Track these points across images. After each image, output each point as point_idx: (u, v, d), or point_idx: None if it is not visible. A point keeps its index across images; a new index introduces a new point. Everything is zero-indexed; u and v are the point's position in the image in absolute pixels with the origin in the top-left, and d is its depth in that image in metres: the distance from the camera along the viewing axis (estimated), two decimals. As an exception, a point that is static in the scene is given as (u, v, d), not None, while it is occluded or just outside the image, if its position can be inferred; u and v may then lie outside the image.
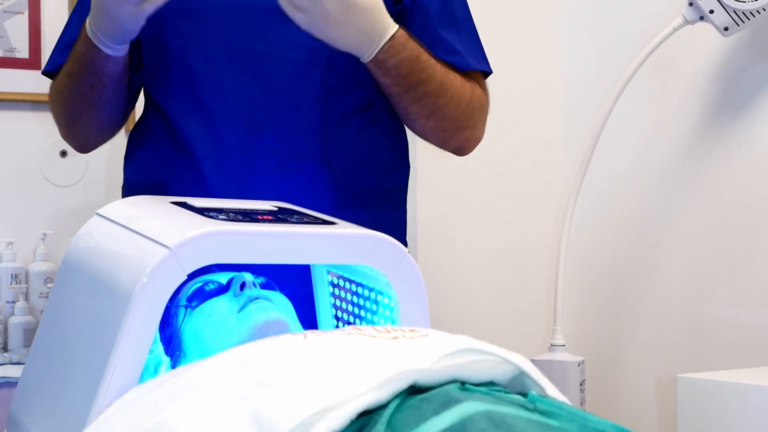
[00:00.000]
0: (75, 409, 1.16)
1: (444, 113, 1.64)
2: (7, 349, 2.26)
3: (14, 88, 2.33)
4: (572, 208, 2.52)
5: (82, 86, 1.65)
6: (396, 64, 1.55)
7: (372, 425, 0.92)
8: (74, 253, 1.30)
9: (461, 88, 1.64)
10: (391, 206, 1.73)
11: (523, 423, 0.90)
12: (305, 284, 1.49)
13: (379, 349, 1.05)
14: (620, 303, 2.71)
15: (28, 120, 2.37)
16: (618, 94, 2.43)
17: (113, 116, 1.74)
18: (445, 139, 1.71)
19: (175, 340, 1.33)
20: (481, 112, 1.70)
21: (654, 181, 2.61)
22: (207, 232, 1.17)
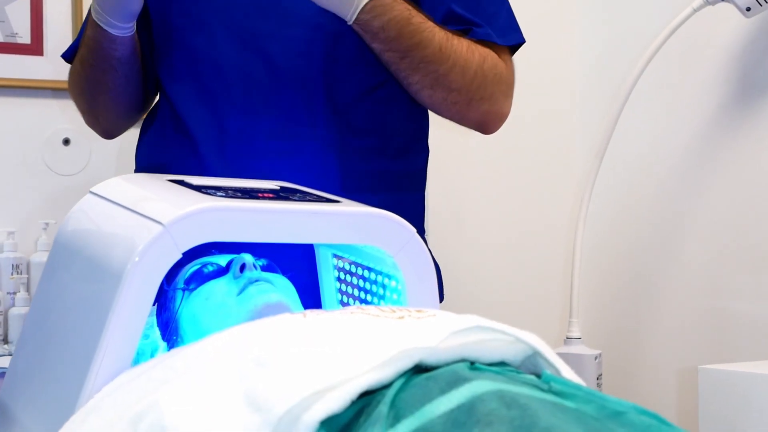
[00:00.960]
0: (64, 394, 1.11)
1: (448, 82, 1.56)
2: (7, 341, 2.21)
3: (15, 74, 2.28)
4: (588, 197, 2.46)
5: (95, 72, 1.64)
6: (382, 26, 1.48)
7: (374, 405, 0.86)
8: (65, 233, 1.25)
9: (467, 54, 1.56)
10: (407, 191, 1.66)
11: (537, 403, 0.84)
12: (309, 268, 1.43)
13: (382, 328, 0.99)
14: (638, 294, 2.65)
15: (29, 107, 2.32)
16: (636, 78, 2.38)
17: (131, 101, 1.72)
18: (460, 113, 1.62)
19: (172, 324, 1.27)
20: (496, 83, 1.60)
21: (673, 169, 2.54)
22: (203, 208, 1.11)
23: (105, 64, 1.61)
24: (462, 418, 0.82)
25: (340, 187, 1.55)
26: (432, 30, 1.52)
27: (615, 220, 2.75)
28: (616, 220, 2.75)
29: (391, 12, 1.48)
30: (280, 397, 0.87)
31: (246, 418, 0.88)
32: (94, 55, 1.60)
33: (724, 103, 2.42)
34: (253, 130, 1.57)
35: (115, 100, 1.69)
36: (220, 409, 0.91)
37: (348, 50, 1.57)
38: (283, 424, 0.86)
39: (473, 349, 0.94)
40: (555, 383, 0.90)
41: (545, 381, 0.91)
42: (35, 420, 1.16)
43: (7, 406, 1.24)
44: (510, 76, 1.65)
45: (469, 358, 0.94)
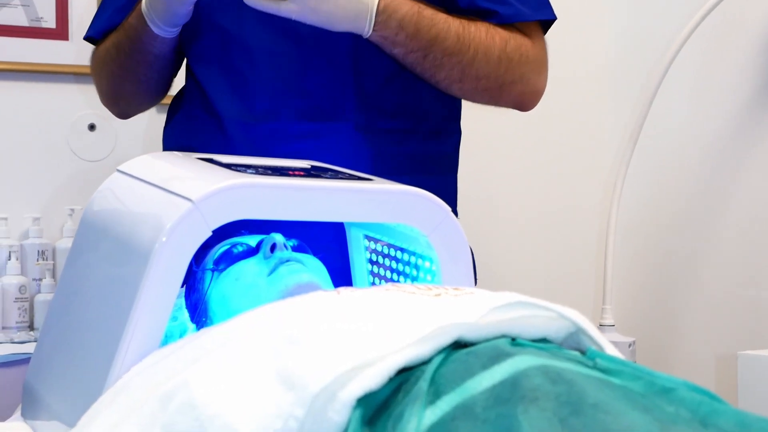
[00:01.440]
0: (92, 375, 1.08)
1: (474, 70, 1.52)
2: (33, 327, 2.19)
3: (41, 59, 2.26)
4: (622, 180, 2.42)
5: (129, 61, 1.62)
6: (399, 24, 1.45)
7: (413, 382, 0.83)
8: (91, 213, 1.22)
9: (487, 40, 1.52)
10: (439, 174, 1.63)
11: (583, 379, 0.80)
12: (340, 250, 1.40)
13: (419, 305, 0.96)
14: (673, 280, 2.61)
15: (55, 92, 2.30)
16: (671, 58, 2.33)
17: (157, 91, 1.72)
18: (494, 98, 1.59)
19: (201, 305, 1.25)
20: (524, 63, 1.57)
21: (710, 150, 2.50)
22: (233, 184, 1.08)
23: (141, 57, 1.59)
24: (505, 393, 0.79)
25: (370, 170, 1.52)
26: (446, 20, 1.50)
27: (649, 204, 2.71)
28: (651, 203, 2.71)
29: (402, 8, 1.45)
30: (314, 375, 0.85)
31: (279, 396, 0.85)
32: (132, 45, 1.58)
33: (761, 84, 2.38)
34: (282, 112, 1.55)
35: (142, 90, 1.69)
36: (252, 388, 0.88)
37: None
38: (319, 402, 0.83)
39: (514, 325, 0.91)
40: (601, 359, 0.87)
41: (590, 357, 0.88)
42: (63, 402, 1.14)
43: (34, 389, 1.21)
44: (539, 53, 1.61)
45: (509, 334, 0.91)
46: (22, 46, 2.25)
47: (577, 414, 0.75)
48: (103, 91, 1.74)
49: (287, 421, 0.84)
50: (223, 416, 0.87)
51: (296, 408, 0.84)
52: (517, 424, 0.75)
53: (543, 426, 0.74)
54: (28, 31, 2.25)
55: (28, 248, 2.22)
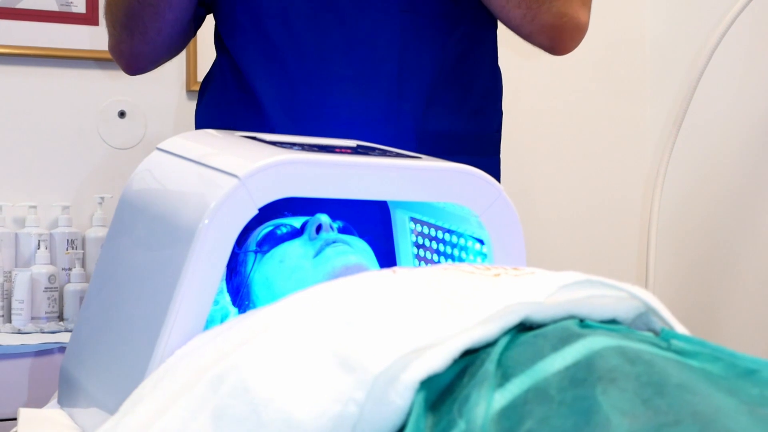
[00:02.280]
0: (133, 360, 1.04)
1: None
2: (63, 318, 2.16)
3: (70, 45, 2.22)
4: (664, 173, 2.37)
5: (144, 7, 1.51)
6: None
7: (478, 364, 0.79)
8: (131, 192, 1.18)
9: None
10: (482, 155, 1.59)
11: (662, 360, 0.76)
12: (385, 233, 1.36)
13: (481, 284, 0.91)
14: (716, 277, 2.55)
15: (85, 78, 2.27)
16: (714, 46, 2.28)
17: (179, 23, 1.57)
18: (531, 11, 1.49)
19: (243, 289, 1.21)
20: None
21: (753, 143, 2.44)
22: (281, 160, 1.04)
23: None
24: (581, 374, 0.74)
25: (413, 150, 1.48)
26: None
27: (693, 194, 2.66)
28: (695, 193, 2.65)
29: None
30: (375, 356, 0.80)
31: (337, 378, 0.81)
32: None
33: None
34: (325, 90, 1.51)
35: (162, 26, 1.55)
36: (307, 370, 0.83)
37: (425, 4, 1.50)
38: (380, 385, 0.78)
39: (582, 305, 0.87)
40: (677, 340, 0.82)
41: (664, 338, 0.83)
42: (102, 387, 1.10)
43: (71, 375, 1.17)
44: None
45: (578, 315, 0.86)
46: (51, 31, 2.22)
47: (661, 395, 0.70)
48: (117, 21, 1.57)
49: (346, 404, 0.79)
50: (278, 400, 0.83)
51: (356, 391, 0.79)
52: (597, 405, 0.70)
53: (625, 407, 0.69)
54: (57, 16, 2.21)
55: (57, 237, 2.19)
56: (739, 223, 2.52)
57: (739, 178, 2.52)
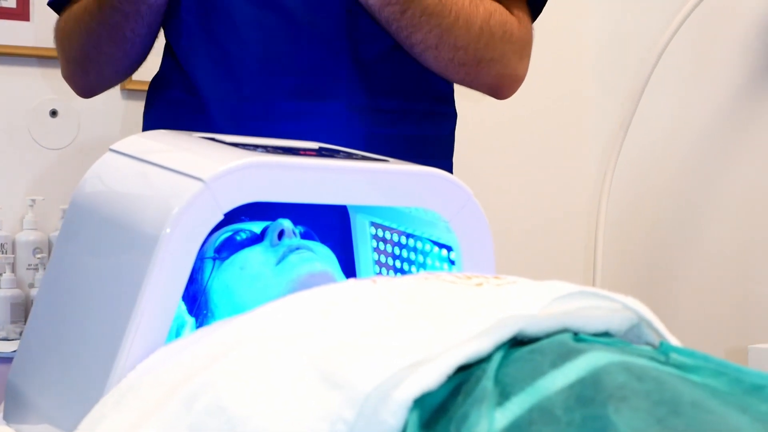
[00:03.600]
0: (91, 374, 0.99)
1: (453, 38, 1.43)
2: (-12, 324, 2.08)
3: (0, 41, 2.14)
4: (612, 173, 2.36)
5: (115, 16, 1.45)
6: None
7: (474, 382, 0.75)
8: (83, 196, 1.12)
9: (470, 9, 1.44)
10: (434, 158, 1.55)
11: (668, 376, 0.72)
12: (343, 238, 1.32)
13: (468, 296, 0.87)
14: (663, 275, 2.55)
15: (14, 76, 2.19)
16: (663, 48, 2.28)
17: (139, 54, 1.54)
18: (469, 75, 1.50)
19: (201, 297, 1.15)
20: (506, 42, 1.48)
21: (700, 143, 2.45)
22: (249, 163, 0.99)
23: (130, 7, 1.43)
24: (588, 393, 0.70)
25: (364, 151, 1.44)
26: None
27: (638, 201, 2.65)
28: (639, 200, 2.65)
29: None
30: (364, 372, 0.76)
31: (322, 397, 0.76)
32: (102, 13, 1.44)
33: (754, 73, 2.33)
34: (272, 91, 1.46)
35: (124, 51, 1.51)
36: (289, 387, 0.79)
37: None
38: (371, 404, 0.74)
39: (576, 317, 0.83)
40: (677, 354, 0.79)
41: (663, 352, 0.80)
42: (55, 404, 1.04)
43: (19, 390, 1.11)
44: (524, 35, 1.52)
45: (571, 327, 0.82)
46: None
47: (676, 414, 0.67)
48: (73, 58, 1.56)
49: (335, 424, 0.75)
50: (257, 418, 0.78)
51: (345, 409, 0.75)
52: (611, 425, 0.66)
53: (640, 427, 0.66)
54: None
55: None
56: (685, 227, 2.53)
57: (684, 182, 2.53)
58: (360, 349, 0.79)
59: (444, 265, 1.18)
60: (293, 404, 0.77)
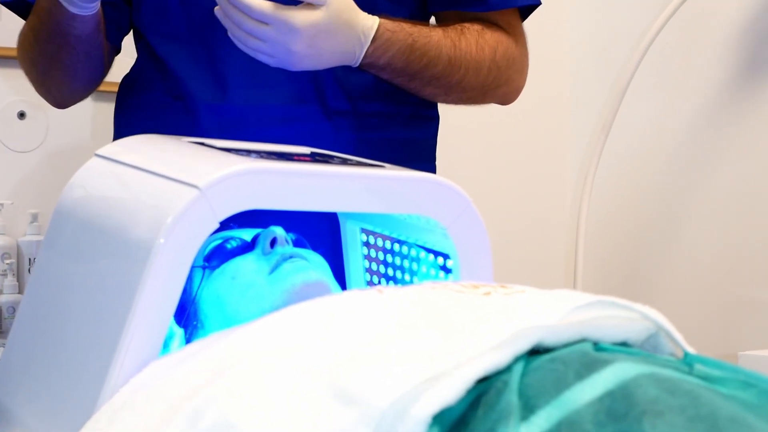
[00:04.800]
0: (81, 389, 0.95)
1: (462, 86, 1.47)
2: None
3: (-36, 42, 2.08)
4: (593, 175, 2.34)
5: (49, 46, 1.44)
6: (387, 62, 1.38)
7: (494, 394, 0.72)
8: (69, 204, 1.07)
9: (477, 54, 1.46)
10: (418, 161, 1.53)
11: (701, 389, 0.70)
12: (333, 246, 1.28)
13: (477, 305, 0.84)
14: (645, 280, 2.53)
15: (-21, 78, 2.13)
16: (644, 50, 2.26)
17: (90, 77, 1.54)
18: (476, 103, 1.54)
19: (190, 308, 1.12)
20: (510, 67, 1.52)
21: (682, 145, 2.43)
22: (246, 169, 0.95)
23: (61, 40, 1.42)
24: (619, 407, 0.68)
25: None
26: (438, 45, 1.42)
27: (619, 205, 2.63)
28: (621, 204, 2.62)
29: (393, 47, 1.37)
30: (380, 388, 0.73)
31: (336, 413, 0.73)
32: (47, 29, 1.41)
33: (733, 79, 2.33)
34: (256, 94, 1.43)
35: (71, 77, 1.51)
36: (298, 404, 0.75)
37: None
38: (388, 421, 0.71)
39: (594, 326, 0.80)
40: (702, 365, 0.76)
41: (687, 362, 0.78)
42: (42, 419, 1.00)
43: (2, 402, 1.07)
44: (522, 51, 1.56)
45: (590, 337, 0.80)
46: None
47: (716, 430, 0.64)
48: (32, 79, 1.57)
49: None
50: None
51: (360, 427, 0.71)
52: (649, 444, 0.63)
53: (680, 445, 0.63)
54: (-51, 10, 2.07)
55: (-48, 247, 2.05)
56: (667, 230, 2.51)
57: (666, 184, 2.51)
58: (373, 362, 0.76)
59: (435, 272, 1.16)
60: (306, 422, 0.74)
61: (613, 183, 2.61)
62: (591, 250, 2.53)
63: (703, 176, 2.42)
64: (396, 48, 1.38)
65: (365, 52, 1.35)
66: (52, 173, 2.11)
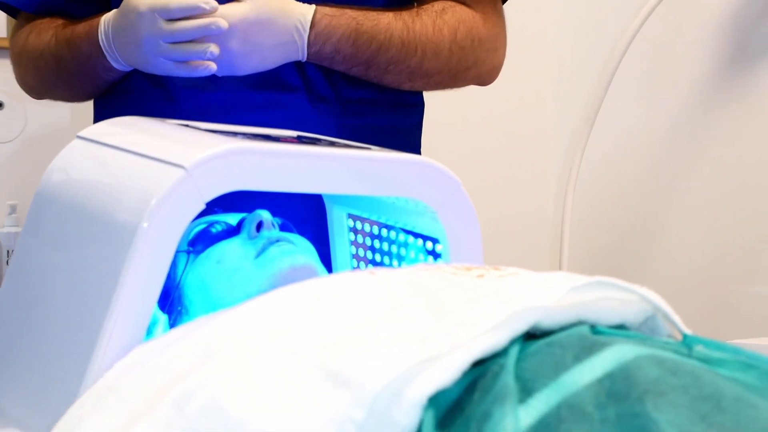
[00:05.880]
0: (63, 375, 0.93)
1: (424, 70, 1.44)
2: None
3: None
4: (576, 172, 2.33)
5: (73, 79, 1.45)
6: (334, 49, 1.36)
7: (491, 377, 0.70)
8: (51, 185, 1.05)
9: (435, 36, 1.43)
10: (403, 148, 1.50)
11: (704, 371, 0.68)
12: (319, 230, 1.26)
13: (471, 287, 0.82)
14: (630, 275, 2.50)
15: (-43, 66, 2.10)
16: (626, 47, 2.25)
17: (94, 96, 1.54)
18: (448, 87, 1.52)
19: (174, 293, 1.09)
20: (477, 47, 1.48)
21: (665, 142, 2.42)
22: (233, 149, 0.93)
23: (89, 79, 1.44)
24: (620, 388, 0.66)
25: None
26: (388, 28, 1.40)
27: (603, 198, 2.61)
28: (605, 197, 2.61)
29: (336, 31, 1.35)
30: (373, 370, 0.71)
31: (329, 396, 0.71)
32: (80, 68, 1.42)
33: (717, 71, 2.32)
34: (239, 80, 1.40)
35: (78, 98, 1.55)
36: (291, 387, 0.74)
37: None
38: (381, 403, 0.69)
39: (590, 309, 0.79)
40: (703, 346, 0.75)
41: (686, 344, 0.76)
42: (24, 407, 0.98)
43: (-19, 392, 1.04)
44: (493, 29, 1.51)
45: (587, 320, 0.78)
46: None
47: (720, 410, 0.63)
48: (28, 86, 1.55)
49: (343, 425, 0.70)
50: (258, 421, 0.72)
51: (354, 409, 0.70)
52: (652, 423, 0.62)
53: (684, 424, 0.61)
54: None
55: (-71, 237, 2.02)
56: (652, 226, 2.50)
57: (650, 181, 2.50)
58: (365, 344, 0.74)
59: (423, 257, 1.14)
60: (297, 404, 0.72)
61: (598, 175, 2.60)
62: (576, 242, 2.52)
63: (687, 170, 2.41)
64: (340, 33, 1.36)
65: (307, 41, 1.33)
66: (31, 164, 2.09)
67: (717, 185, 2.34)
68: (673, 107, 2.43)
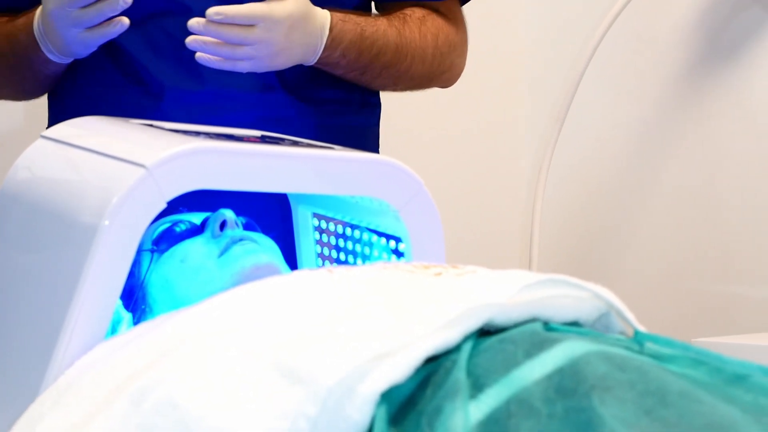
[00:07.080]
0: (24, 373, 0.94)
1: (411, 74, 1.48)
2: None
3: None
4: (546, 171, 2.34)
5: (13, 74, 1.44)
6: (342, 54, 1.38)
7: (443, 373, 0.71)
8: (14, 184, 1.05)
9: (422, 42, 1.47)
10: (366, 147, 1.53)
11: (651, 366, 0.69)
12: (284, 230, 1.27)
13: (428, 285, 0.83)
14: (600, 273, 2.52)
15: None
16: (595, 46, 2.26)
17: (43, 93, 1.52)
18: (421, 89, 1.57)
19: (138, 292, 1.10)
20: (451, 52, 1.53)
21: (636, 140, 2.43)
22: (193, 148, 0.94)
23: (29, 73, 1.42)
24: (568, 383, 0.67)
25: None
26: (385, 34, 1.43)
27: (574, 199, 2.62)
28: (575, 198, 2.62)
29: (345, 37, 1.37)
30: (326, 366, 0.72)
31: (282, 391, 0.72)
32: (19, 62, 1.40)
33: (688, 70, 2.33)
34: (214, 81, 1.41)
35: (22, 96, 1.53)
36: (245, 383, 0.74)
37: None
38: (334, 398, 0.70)
39: (545, 306, 0.80)
40: (654, 343, 0.76)
41: (637, 341, 0.77)
42: (-14, 404, 0.97)
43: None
44: (462, 35, 1.57)
45: (541, 317, 0.79)
46: None
47: (665, 404, 0.64)
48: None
49: (296, 420, 0.70)
50: (212, 417, 0.73)
51: (307, 405, 0.70)
52: (597, 417, 0.63)
53: (629, 418, 0.63)
54: None
55: None
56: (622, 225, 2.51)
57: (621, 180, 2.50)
58: (321, 341, 0.75)
59: (387, 256, 1.15)
60: (251, 401, 0.73)
61: (568, 174, 2.61)
62: (545, 241, 2.53)
63: (657, 168, 2.42)
64: (348, 39, 1.38)
65: (324, 45, 1.35)
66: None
67: (687, 185, 2.35)
68: (643, 107, 2.44)
